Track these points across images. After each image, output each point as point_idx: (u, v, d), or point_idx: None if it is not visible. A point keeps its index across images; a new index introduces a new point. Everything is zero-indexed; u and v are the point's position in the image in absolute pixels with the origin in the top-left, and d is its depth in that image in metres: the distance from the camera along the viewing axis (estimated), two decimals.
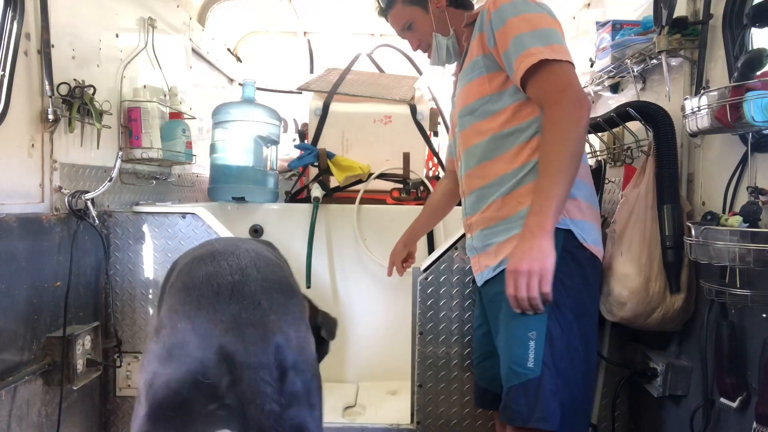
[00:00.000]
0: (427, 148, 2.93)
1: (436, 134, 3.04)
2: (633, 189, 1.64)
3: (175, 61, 2.58)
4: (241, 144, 2.54)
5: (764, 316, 1.27)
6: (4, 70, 1.48)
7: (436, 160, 3.05)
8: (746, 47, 1.41)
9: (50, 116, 1.64)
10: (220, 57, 3.31)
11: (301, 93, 3.11)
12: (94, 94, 1.80)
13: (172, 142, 2.21)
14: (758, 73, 1.22)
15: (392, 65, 3.46)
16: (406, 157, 2.68)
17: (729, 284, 1.30)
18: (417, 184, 2.69)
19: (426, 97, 3.10)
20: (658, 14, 1.59)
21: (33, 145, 1.62)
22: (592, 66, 2.12)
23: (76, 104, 1.73)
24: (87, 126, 1.83)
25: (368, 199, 2.66)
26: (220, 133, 2.58)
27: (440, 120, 3.08)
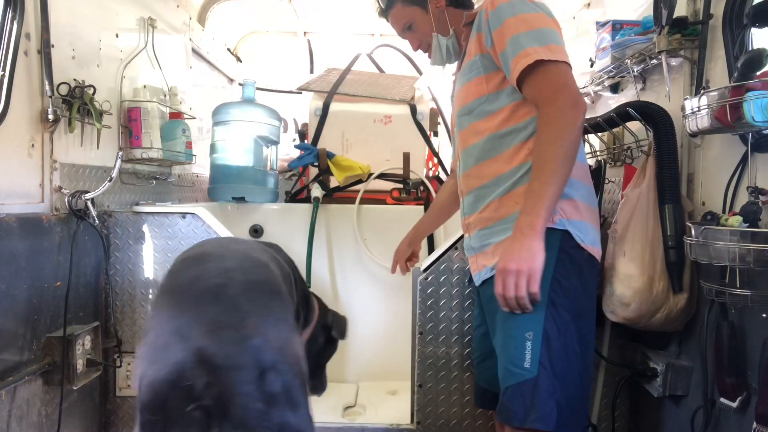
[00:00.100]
0: (427, 148, 2.93)
1: (436, 134, 3.04)
2: (634, 189, 1.64)
3: (175, 61, 2.58)
4: (241, 144, 2.54)
5: (764, 316, 1.27)
6: (4, 70, 1.48)
7: (436, 160, 3.04)
8: (746, 47, 1.41)
9: (50, 116, 1.64)
10: (220, 57, 3.31)
11: (301, 93, 3.11)
12: (94, 94, 1.80)
13: (172, 142, 2.21)
14: (758, 73, 1.22)
15: (392, 65, 3.46)
16: (406, 157, 2.68)
17: (729, 284, 1.30)
18: (417, 184, 2.69)
19: (426, 97, 3.09)
20: (658, 14, 1.59)
21: (33, 145, 1.62)
22: (592, 66, 2.12)
23: (76, 104, 1.73)
24: (87, 126, 1.83)
25: (368, 199, 2.66)
26: (220, 133, 2.57)
27: (440, 120, 3.08)
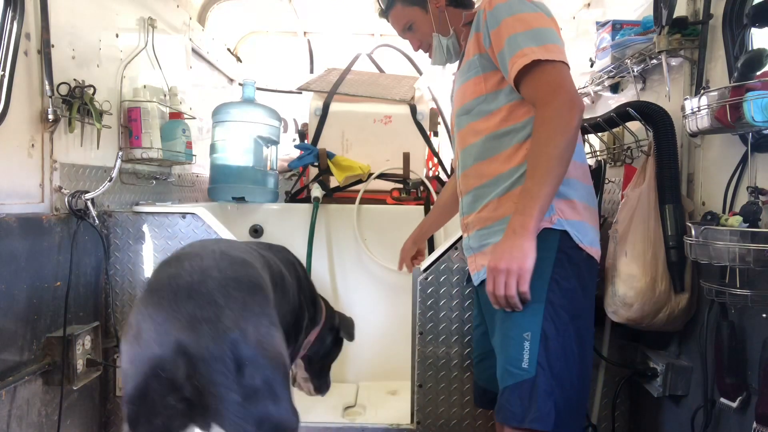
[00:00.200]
0: (427, 148, 2.93)
1: (436, 134, 3.04)
2: (634, 189, 1.64)
3: (175, 61, 2.58)
4: (241, 144, 2.54)
5: (764, 316, 1.27)
6: (4, 70, 1.48)
7: (436, 160, 3.04)
8: (746, 47, 1.41)
9: (50, 116, 1.64)
10: (220, 57, 3.31)
11: (301, 93, 3.11)
12: (94, 94, 1.80)
13: (172, 142, 2.21)
14: (758, 73, 1.22)
15: (392, 65, 3.46)
16: (406, 157, 2.68)
17: (729, 284, 1.30)
18: (417, 184, 2.69)
19: (426, 97, 3.09)
20: (658, 14, 1.59)
21: (33, 145, 1.62)
22: (592, 66, 2.12)
23: (76, 104, 1.73)
24: (87, 126, 1.84)
25: (368, 199, 2.66)
26: (220, 133, 2.57)
27: (440, 120, 3.08)
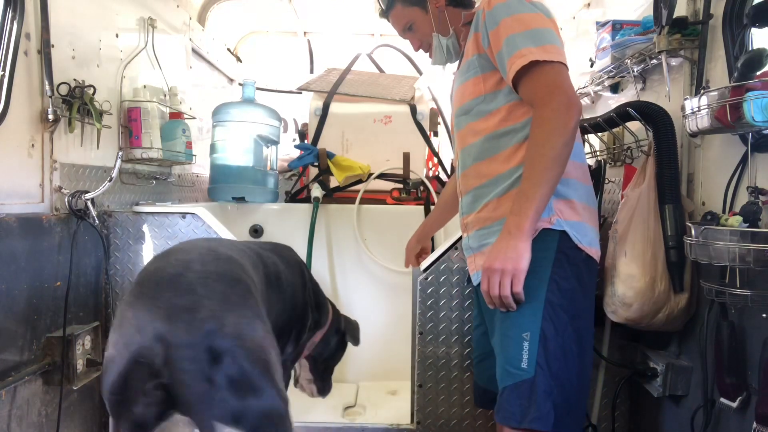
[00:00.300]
0: (427, 148, 2.93)
1: (436, 134, 3.04)
2: (634, 189, 1.64)
3: (175, 61, 2.58)
4: (241, 144, 2.54)
5: (764, 316, 1.27)
6: (4, 70, 1.48)
7: (436, 160, 3.04)
8: (746, 47, 1.41)
9: (50, 116, 1.64)
10: (220, 57, 3.31)
11: (301, 93, 3.11)
12: (94, 94, 1.80)
13: (172, 142, 2.21)
14: (758, 73, 1.22)
15: (392, 65, 3.46)
16: (406, 157, 2.68)
17: (729, 284, 1.30)
18: (417, 184, 2.69)
19: (426, 97, 3.09)
20: (658, 14, 1.59)
21: (33, 145, 1.62)
22: (592, 66, 2.12)
23: (76, 104, 1.73)
24: (87, 126, 1.83)
25: (368, 199, 2.66)
26: (220, 133, 2.57)
27: (440, 120, 3.08)
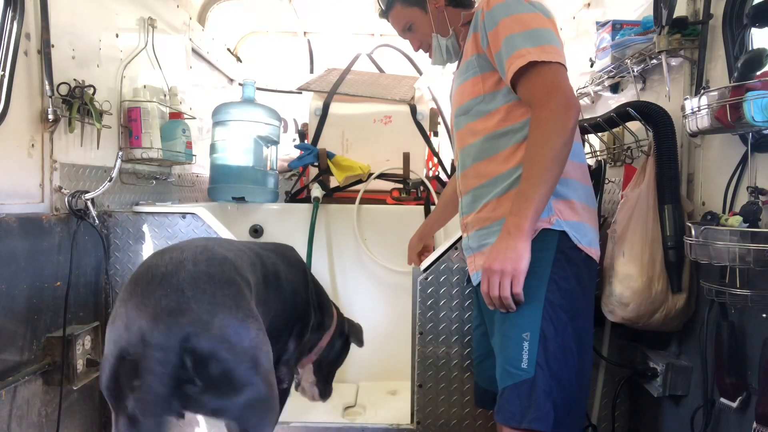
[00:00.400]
0: (427, 148, 2.93)
1: (436, 134, 3.04)
2: (633, 189, 1.64)
3: (175, 61, 2.57)
4: (241, 144, 2.54)
5: (764, 316, 1.27)
6: (4, 70, 1.48)
7: (436, 160, 3.05)
8: (746, 47, 1.41)
9: (50, 116, 1.64)
10: (220, 57, 3.31)
11: (301, 93, 3.11)
12: (94, 94, 1.80)
13: (172, 142, 2.21)
14: (758, 73, 1.22)
15: (392, 65, 3.46)
16: (406, 157, 2.68)
17: (729, 284, 1.30)
18: (417, 184, 2.69)
19: (426, 97, 3.09)
20: (658, 14, 1.59)
21: (33, 145, 1.62)
22: (592, 66, 2.12)
23: (76, 104, 1.73)
24: (87, 126, 1.83)
25: (368, 199, 2.66)
26: (220, 133, 2.57)
27: (440, 120, 3.08)
